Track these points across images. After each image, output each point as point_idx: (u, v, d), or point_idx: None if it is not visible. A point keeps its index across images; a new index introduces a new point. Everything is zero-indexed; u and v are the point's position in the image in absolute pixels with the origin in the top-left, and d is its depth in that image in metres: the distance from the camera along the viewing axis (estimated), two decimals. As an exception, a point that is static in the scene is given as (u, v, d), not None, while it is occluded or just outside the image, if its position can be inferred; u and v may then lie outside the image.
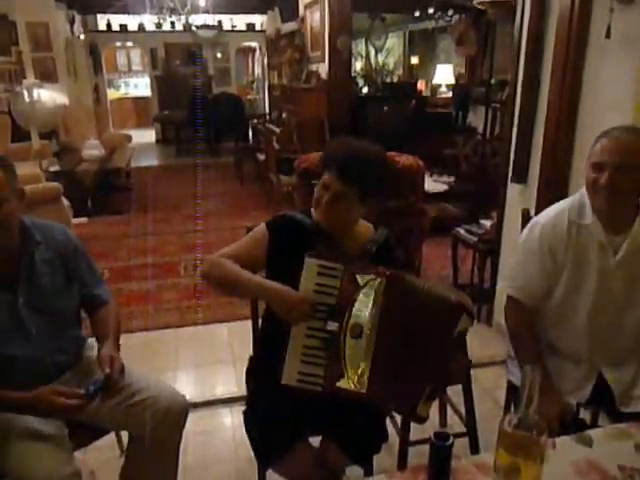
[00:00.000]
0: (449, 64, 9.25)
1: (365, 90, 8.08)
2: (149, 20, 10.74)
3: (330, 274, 1.53)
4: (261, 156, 7.65)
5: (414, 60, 11.06)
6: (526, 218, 2.10)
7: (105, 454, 2.36)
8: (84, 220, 6.06)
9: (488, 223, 3.69)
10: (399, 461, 2.03)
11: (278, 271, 1.67)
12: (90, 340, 2.00)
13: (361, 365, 1.50)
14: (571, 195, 1.88)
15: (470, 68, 8.32)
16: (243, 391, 1.98)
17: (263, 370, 1.78)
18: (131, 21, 11.63)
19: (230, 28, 12.41)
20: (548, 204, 1.94)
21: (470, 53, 7.99)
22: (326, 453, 1.71)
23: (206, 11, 9.42)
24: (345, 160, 1.63)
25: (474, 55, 7.94)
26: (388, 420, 1.96)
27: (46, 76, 7.76)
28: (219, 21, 11.84)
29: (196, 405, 2.72)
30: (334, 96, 6.29)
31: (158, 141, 12.68)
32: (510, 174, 3.30)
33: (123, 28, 11.84)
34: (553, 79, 2.87)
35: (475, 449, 2.13)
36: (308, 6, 7.13)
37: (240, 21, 12.51)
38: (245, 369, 1.95)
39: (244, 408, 1.86)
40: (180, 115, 11.04)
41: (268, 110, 11.85)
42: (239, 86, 13.40)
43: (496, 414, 2.56)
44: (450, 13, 8.36)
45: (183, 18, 9.40)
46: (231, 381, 3.06)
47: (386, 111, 6.88)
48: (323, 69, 6.55)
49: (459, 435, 2.07)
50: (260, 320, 1.91)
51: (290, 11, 8.46)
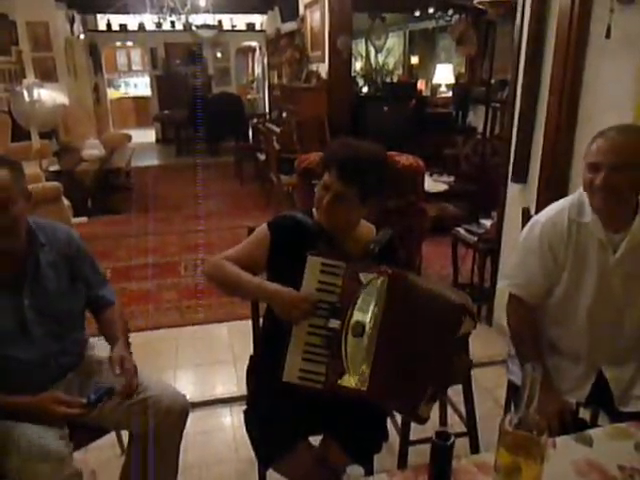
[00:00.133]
0: (449, 64, 9.25)
1: (365, 90, 8.07)
2: (149, 20, 10.74)
3: (333, 272, 1.54)
4: (261, 156, 7.65)
5: (414, 60, 11.04)
6: (526, 217, 2.10)
7: (106, 453, 2.37)
8: (84, 220, 6.06)
9: (488, 223, 3.68)
10: (399, 460, 2.03)
11: (280, 271, 1.67)
12: (92, 340, 2.00)
13: (362, 363, 1.50)
14: (571, 194, 1.89)
15: (470, 68, 8.32)
16: (243, 391, 1.98)
17: (264, 369, 1.78)
18: (131, 21, 11.63)
19: (230, 28, 12.42)
20: (548, 203, 1.94)
21: (470, 53, 7.99)
22: (327, 452, 1.71)
23: (206, 11, 9.41)
24: (345, 160, 1.63)
25: (474, 55, 7.94)
26: (388, 419, 1.96)
27: (46, 76, 7.77)
28: (219, 21, 11.84)
29: (196, 405, 2.72)
30: (334, 96, 6.29)
31: (158, 141, 12.69)
32: (510, 173, 3.30)
33: (123, 28, 11.85)
34: (553, 79, 2.87)
35: (475, 449, 2.13)
36: (308, 6, 7.13)
37: (240, 21, 12.52)
38: (246, 368, 1.96)
39: (244, 408, 1.86)
40: (180, 115, 11.04)
41: (268, 110, 11.83)
42: (239, 86, 13.40)
43: (496, 414, 2.56)
44: (450, 13, 8.37)
45: (183, 18, 9.40)
46: (231, 381, 3.06)
47: (386, 111, 6.87)
48: (323, 69, 6.55)
49: (459, 435, 2.06)
50: (261, 319, 1.91)
51: (290, 11, 8.45)
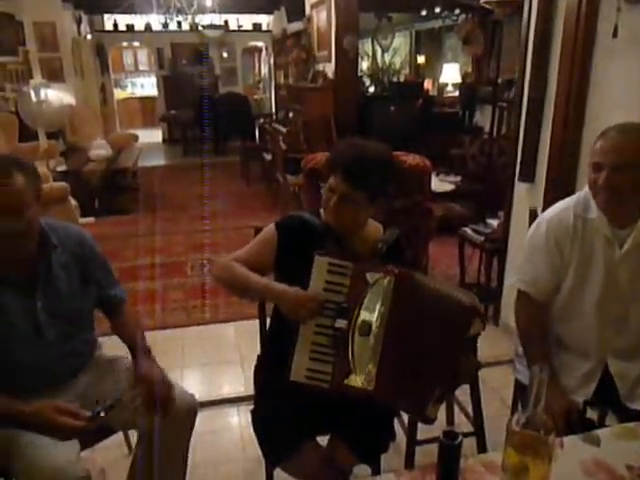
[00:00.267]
0: (456, 63, 9.23)
1: (372, 90, 8.06)
2: (156, 20, 10.78)
3: (340, 272, 1.54)
4: (268, 156, 7.66)
5: (421, 59, 11.02)
6: (533, 217, 2.09)
7: (113, 453, 2.37)
8: (91, 220, 6.08)
9: (495, 222, 3.67)
10: (406, 460, 2.03)
11: (287, 271, 1.68)
12: (100, 339, 2.01)
13: (369, 363, 1.50)
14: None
15: (477, 67, 8.29)
16: (250, 390, 1.99)
17: (271, 369, 1.78)
18: (138, 21, 11.68)
19: (236, 28, 12.45)
20: (555, 203, 1.93)
21: (477, 52, 7.97)
22: (334, 452, 1.71)
23: (213, 11, 9.43)
24: (350, 163, 1.63)
25: (481, 54, 7.91)
26: (395, 419, 1.95)
27: (53, 76, 7.81)
28: (225, 21, 11.87)
29: (203, 404, 2.72)
30: (341, 96, 6.28)
31: (165, 141, 12.74)
32: (517, 173, 3.29)
33: (130, 28, 11.90)
34: (560, 78, 2.86)
35: (482, 448, 2.13)
36: (314, 6, 7.13)
37: (246, 21, 12.55)
38: (253, 368, 1.96)
39: (252, 407, 1.86)
40: (187, 115, 11.08)
41: (275, 110, 11.84)
42: (245, 86, 13.43)
43: (503, 413, 2.56)
44: (457, 12, 8.36)
45: (190, 18, 9.42)
46: (238, 380, 3.06)
47: (393, 111, 6.86)
48: (329, 69, 6.55)
49: (466, 435, 2.05)
50: (268, 319, 1.91)
51: (296, 11, 8.46)
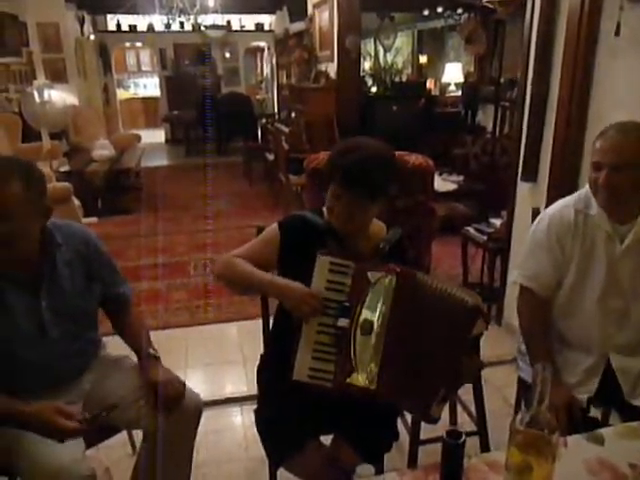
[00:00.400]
0: (458, 63, 9.23)
1: (374, 89, 8.04)
2: (158, 20, 10.78)
3: (341, 271, 1.54)
4: (270, 156, 7.66)
5: (423, 59, 11.02)
6: (536, 216, 2.09)
7: (117, 452, 2.38)
8: (94, 220, 6.09)
9: (498, 222, 3.67)
10: (409, 460, 2.02)
11: (289, 270, 1.67)
12: (104, 339, 2.01)
13: (371, 362, 1.50)
14: (579, 191, 1.89)
15: (479, 67, 8.29)
16: (253, 390, 1.99)
17: (274, 368, 1.78)
18: (140, 21, 11.70)
19: (239, 28, 12.47)
20: (558, 201, 1.94)
21: (479, 52, 7.97)
22: (337, 452, 1.71)
23: (215, 11, 9.43)
24: (348, 169, 1.61)
25: (483, 54, 7.91)
26: (399, 419, 1.96)
27: (56, 77, 7.83)
28: (228, 21, 11.88)
29: (207, 404, 2.69)
30: (343, 96, 6.28)
31: (167, 141, 12.75)
32: (520, 172, 3.29)
33: (132, 28, 11.92)
34: (563, 77, 2.86)
35: (485, 448, 2.13)
36: (317, 6, 7.13)
37: (249, 21, 12.55)
38: (256, 367, 1.96)
39: (255, 407, 1.86)
40: (189, 115, 11.09)
41: (277, 110, 11.83)
42: (248, 86, 13.43)
43: (506, 412, 2.56)
44: (459, 12, 8.35)
45: (192, 18, 9.41)
46: (241, 380, 3.07)
47: (395, 110, 6.87)
48: (332, 69, 6.54)
49: (469, 434, 2.05)
50: (272, 318, 1.92)
51: (299, 11, 8.45)
